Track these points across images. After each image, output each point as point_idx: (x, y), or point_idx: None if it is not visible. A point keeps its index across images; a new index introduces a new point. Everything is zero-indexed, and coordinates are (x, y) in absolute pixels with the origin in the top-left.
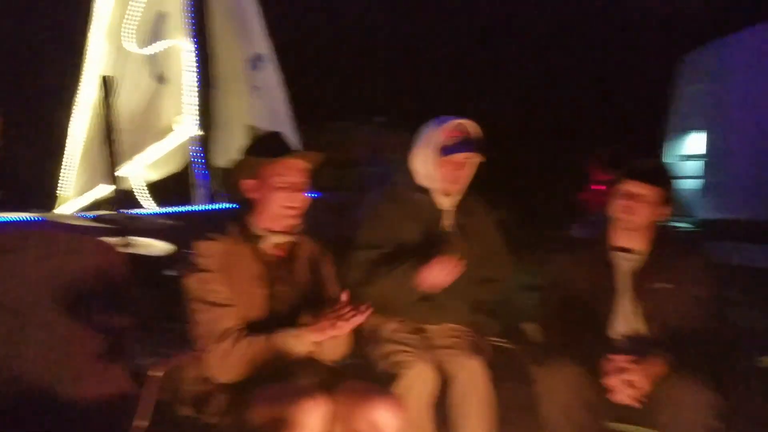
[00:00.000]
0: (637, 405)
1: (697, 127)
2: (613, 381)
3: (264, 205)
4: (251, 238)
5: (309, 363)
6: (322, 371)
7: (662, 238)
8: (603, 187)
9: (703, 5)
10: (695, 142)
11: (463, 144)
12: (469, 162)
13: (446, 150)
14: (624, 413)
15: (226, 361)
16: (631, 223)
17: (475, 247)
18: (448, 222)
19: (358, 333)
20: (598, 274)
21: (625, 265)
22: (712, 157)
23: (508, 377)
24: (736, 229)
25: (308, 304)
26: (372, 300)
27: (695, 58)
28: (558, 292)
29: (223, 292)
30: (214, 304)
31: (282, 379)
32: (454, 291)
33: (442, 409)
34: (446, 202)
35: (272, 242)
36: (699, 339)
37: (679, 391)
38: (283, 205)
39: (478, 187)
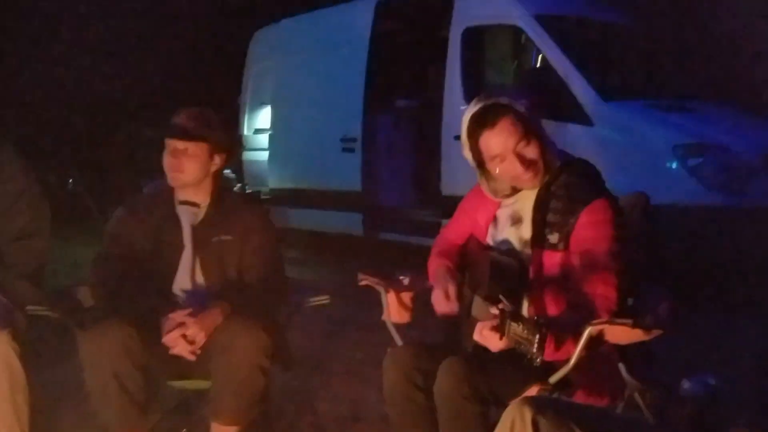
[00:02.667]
0: (192, 358)
1: (266, 102)
2: (170, 337)
3: None
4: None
5: None
6: None
7: (223, 192)
8: None
9: None
10: (265, 117)
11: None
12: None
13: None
14: (183, 368)
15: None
16: (180, 180)
17: None
18: None
19: None
20: (162, 229)
21: (188, 218)
22: (276, 131)
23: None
24: (297, 196)
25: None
26: None
27: (264, 35)
28: (115, 249)
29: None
30: None
31: None
32: None
33: None
34: None
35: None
36: (257, 287)
37: (229, 337)
38: None
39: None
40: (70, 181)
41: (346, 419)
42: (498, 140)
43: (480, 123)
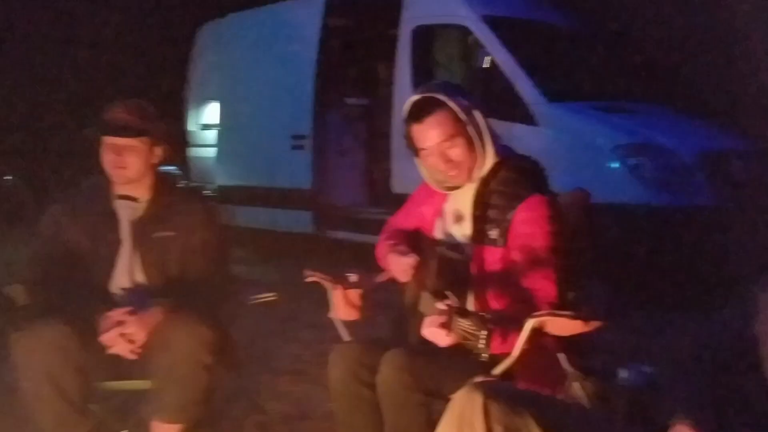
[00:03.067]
0: (132, 357)
1: (213, 97)
2: (108, 336)
3: None
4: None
5: None
6: None
7: (164, 186)
8: None
9: None
10: (212, 112)
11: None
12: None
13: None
14: (121, 369)
15: None
16: (123, 177)
17: None
18: None
19: None
20: (99, 225)
21: (127, 214)
22: (224, 127)
23: None
24: (246, 194)
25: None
26: None
27: (211, 29)
28: (51, 246)
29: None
30: None
31: None
32: None
33: None
34: None
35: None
36: (199, 284)
37: (171, 334)
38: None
39: None
40: (7, 177)
41: (293, 418)
42: (424, 135)
43: (412, 114)
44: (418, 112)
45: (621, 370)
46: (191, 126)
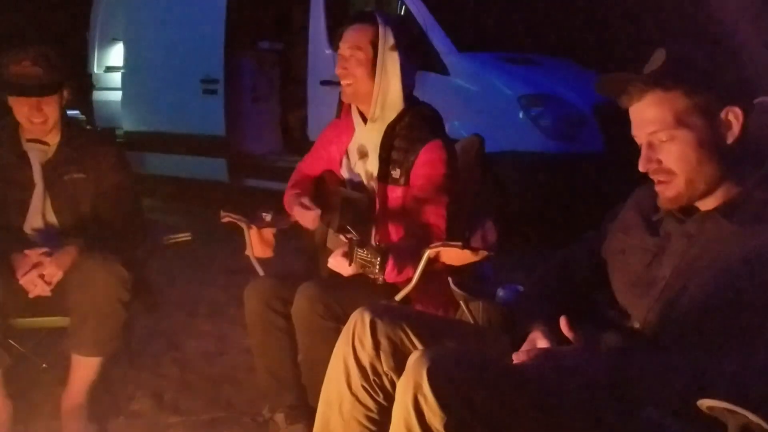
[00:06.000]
0: (47, 293)
1: (118, 38)
2: (27, 279)
3: None
4: None
5: None
6: None
7: (73, 129)
8: None
9: None
10: (117, 54)
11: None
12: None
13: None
14: (37, 307)
15: None
16: (44, 130)
17: None
18: None
19: None
20: (10, 168)
21: (37, 156)
22: (129, 70)
23: None
24: (156, 141)
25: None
26: None
27: None
28: None
29: None
30: None
31: None
32: None
33: None
34: None
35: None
36: (112, 224)
37: (87, 271)
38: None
39: None
40: None
41: (212, 354)
42: (343, 37)
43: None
44: (356, 16)
45: (499, 290)
46: (96, 68)
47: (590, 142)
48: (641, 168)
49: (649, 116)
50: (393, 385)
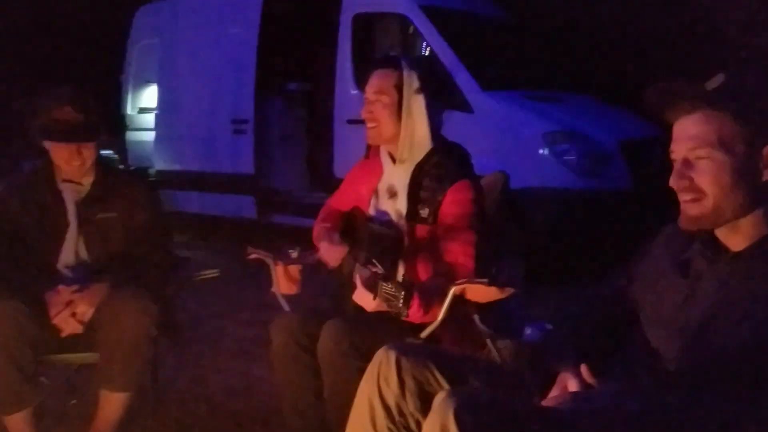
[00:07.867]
0: (79, 330)
1: (151, 80)
2: (60, 318)
3: None
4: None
5: None
6: None
7: (105, 169)
8: None
9: None
10: (150, 96)
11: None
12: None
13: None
14: (67, 343)
15: None
16: (83, 170)
17: None
18: None
19: None
20: (46, 207)
21: (72, 196)
22: (163, 111)
23: None
24: (187, 179)
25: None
26: None
27: (149, 11)
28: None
29: None
30: None
31: None
32: None
33: None
34: None
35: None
36: (142, 262)
37: (116, 307)
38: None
39: None
40: None
41: (237, 390)
42: (369, 82)
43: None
44: (380, 61)
45: (526, 328)
46: (129, 109)
47: (617, 178)
48: (672, 183)
49: (693, 132)
50: (419, 425)
